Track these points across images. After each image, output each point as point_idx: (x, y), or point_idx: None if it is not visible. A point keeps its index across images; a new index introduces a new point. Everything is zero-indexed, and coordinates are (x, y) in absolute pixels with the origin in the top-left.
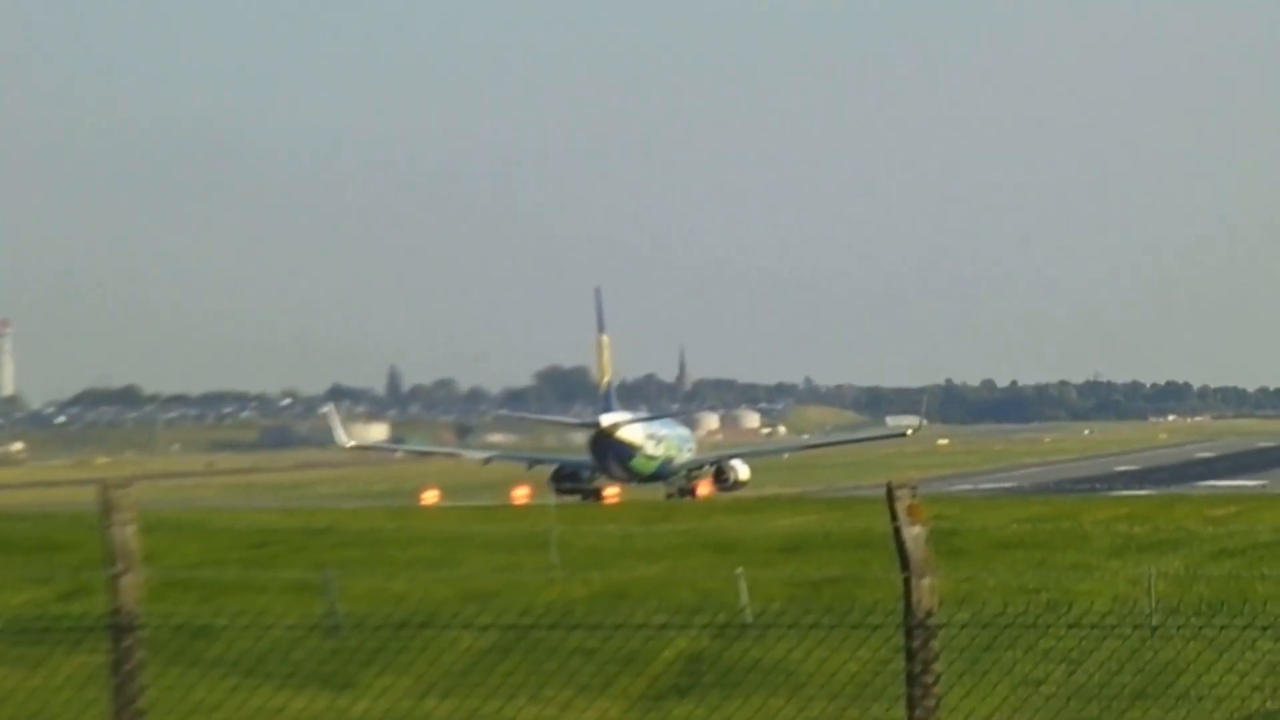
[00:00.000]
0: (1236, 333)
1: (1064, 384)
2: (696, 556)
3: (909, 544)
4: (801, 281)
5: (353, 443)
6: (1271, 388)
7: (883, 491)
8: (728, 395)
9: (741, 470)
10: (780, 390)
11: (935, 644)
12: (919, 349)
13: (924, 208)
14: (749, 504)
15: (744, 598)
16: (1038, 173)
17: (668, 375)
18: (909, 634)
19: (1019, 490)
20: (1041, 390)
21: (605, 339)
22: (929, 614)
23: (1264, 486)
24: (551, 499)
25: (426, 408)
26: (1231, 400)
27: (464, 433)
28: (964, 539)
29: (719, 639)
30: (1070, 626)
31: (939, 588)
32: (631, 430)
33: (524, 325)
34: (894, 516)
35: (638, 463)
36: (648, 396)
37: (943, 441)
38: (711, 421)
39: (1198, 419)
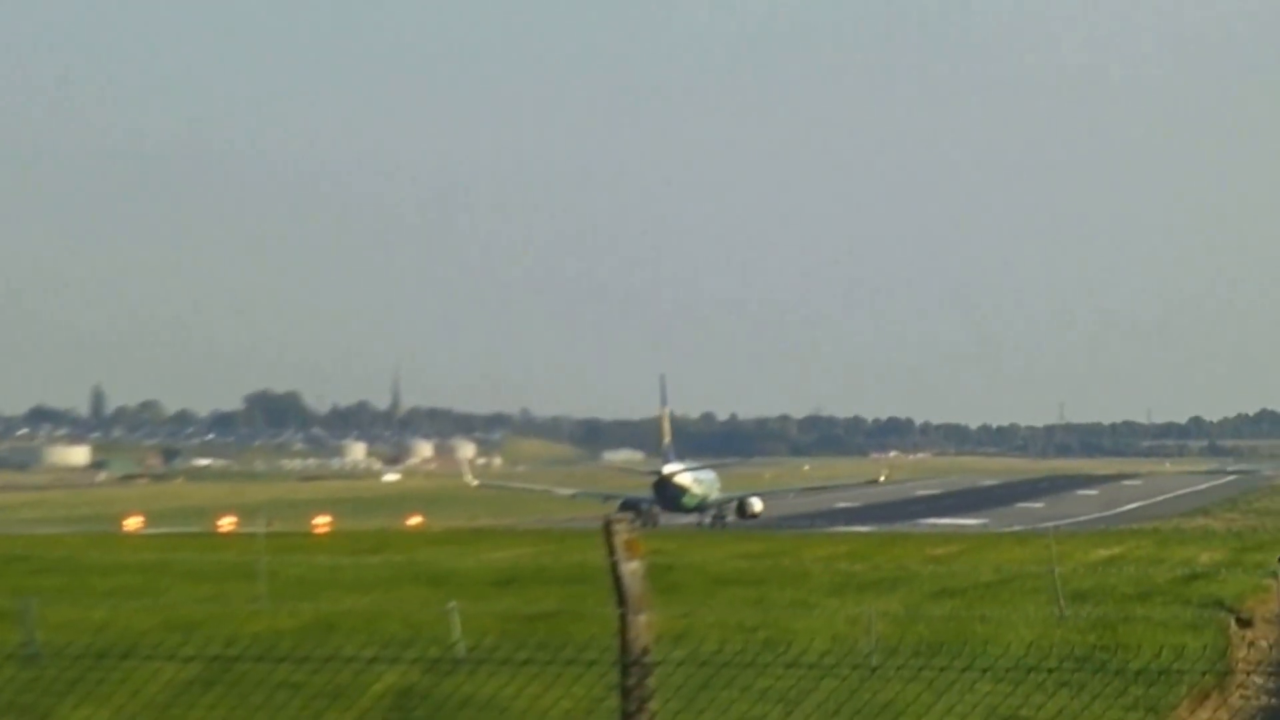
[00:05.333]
0: (958, 369)
1: (785, 418)
2: (408, 589)
3: (625, 579)
4: (518, 311)
5: (476, 481)
6: (994, 425)
7: (598, 524)
8: (443, 424)
9: (757, 504)
10: (496, 420)
11: (651, 682)
12: (638, 381)
13: (640, 236)
14: (463, 535)
15: (456, 631)
16: (760, 203)
17: (382, 402)
18: (624, 671)
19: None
20: (762, 424)
21: (666, 410)
22: (645, 651)
23: (985, 525)
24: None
25: (131, 430)
26: (954, 437)
27: (170, 456)
28: (682, 574)
29: (430, 674)
30: (788, 666)
31: (656, 624)
32: (683, 477)
33: (234, 348)
34: (611, 551)
35: (686, 499)
36: (360, 424)
37: None
38: (425, 450)
39: (919, 455)
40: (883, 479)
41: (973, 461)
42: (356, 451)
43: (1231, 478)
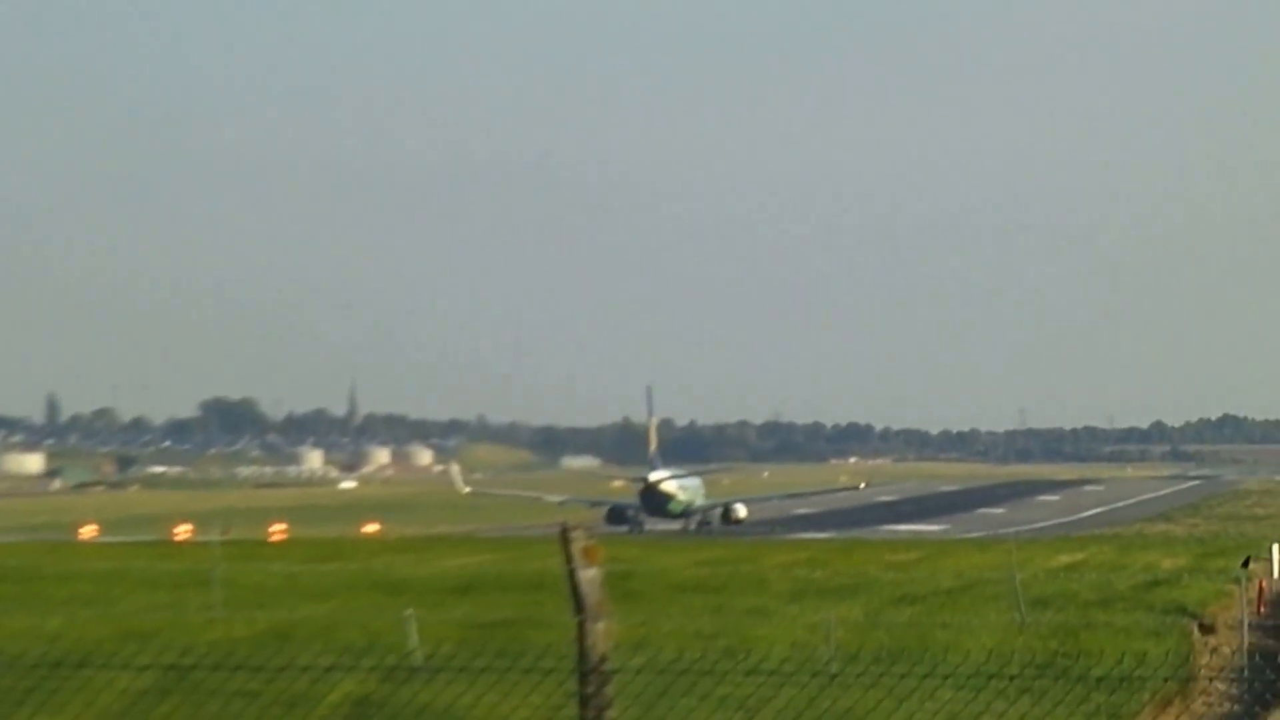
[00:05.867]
0: (919, 375)
1: (744, 424)
2: (365, 596)
3: (583, 586)
4: (469, 319)
5: (468, 489)
6: (955, 431)
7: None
8: (399, 431)
9: (741, 510)
10: (453, 427)
11: (609, 690)
12: (594, 387)
13: (597, 243)
14: (420, 543)
15: (413, 639)
16: (717, 207)
17: (338, 409)
18: (583, 679)
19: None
20: (720, 430)
21: (654, 420)
22: (603, 659)
23: (946, 531)
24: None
25: (86, 437)
26: (914, 443)
27: (125, 464)
28: (641, 581)
29: (387, 682)
30: (748, 673)
31: (614, 631)
32: (669, 484)
33: (188, 354)
34: (569, 558)
35: (672, 505)
36: (317, 431)
37: (618, 483)
38: (382, 457)
39: (879, 461)
40: (864, 485)
41: (934, 467)
42: (313, 459)
43: (1194, 483)
